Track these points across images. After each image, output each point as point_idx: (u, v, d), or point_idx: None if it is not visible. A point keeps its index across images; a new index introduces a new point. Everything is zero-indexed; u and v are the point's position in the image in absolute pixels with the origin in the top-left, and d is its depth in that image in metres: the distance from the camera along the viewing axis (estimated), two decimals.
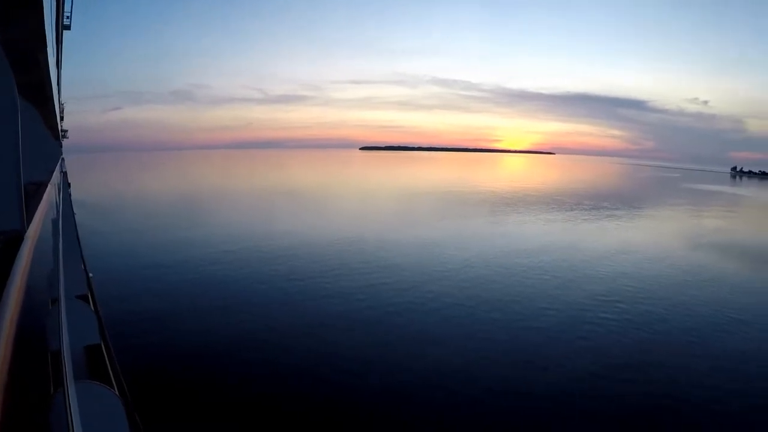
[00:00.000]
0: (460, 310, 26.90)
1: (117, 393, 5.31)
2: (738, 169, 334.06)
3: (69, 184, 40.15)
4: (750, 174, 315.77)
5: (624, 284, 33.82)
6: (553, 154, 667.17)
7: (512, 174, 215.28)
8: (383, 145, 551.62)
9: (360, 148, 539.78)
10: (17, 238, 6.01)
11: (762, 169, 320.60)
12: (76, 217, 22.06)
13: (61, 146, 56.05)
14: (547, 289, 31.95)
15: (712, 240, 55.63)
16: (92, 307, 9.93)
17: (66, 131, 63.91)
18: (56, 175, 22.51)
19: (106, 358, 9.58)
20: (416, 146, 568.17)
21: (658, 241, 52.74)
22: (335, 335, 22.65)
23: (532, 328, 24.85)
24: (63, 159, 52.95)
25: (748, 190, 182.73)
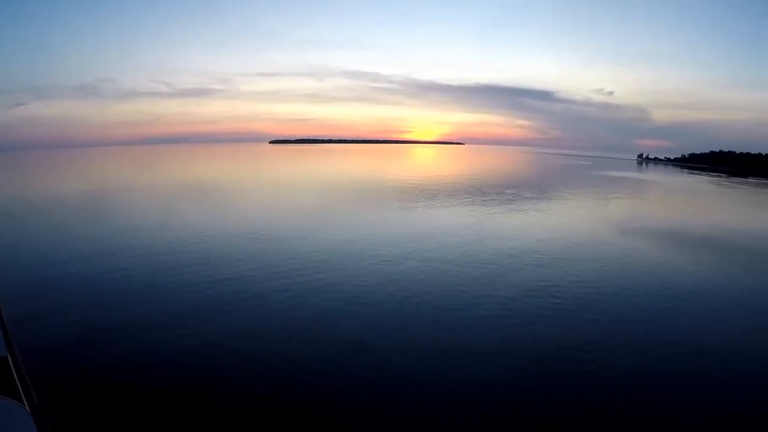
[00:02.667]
0: (387, 305, 27.01)
1: (26, 406, 5.63)
2: (644, 156, 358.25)
3: None
4: (656, 160, 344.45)
5: (553, 268, 35.90)
6: (463, 144, 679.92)
7: (427, 164, 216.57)
8: (294, 138, 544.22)
9: (270, 142, 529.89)
10: None
11: (666, 156, 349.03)
12: None
13: None
14: (475, 277, 32.79)
15: (627, 222, 60.27)
16: None
17: None
18: None
19: (14, 371, 9.32)
20: (327, 139, 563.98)
21: (579, 226, 56.65)
22: (255, 337, 22.47)
23: (463, 317, 25.61)
24: None
25: (654, 175, 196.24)
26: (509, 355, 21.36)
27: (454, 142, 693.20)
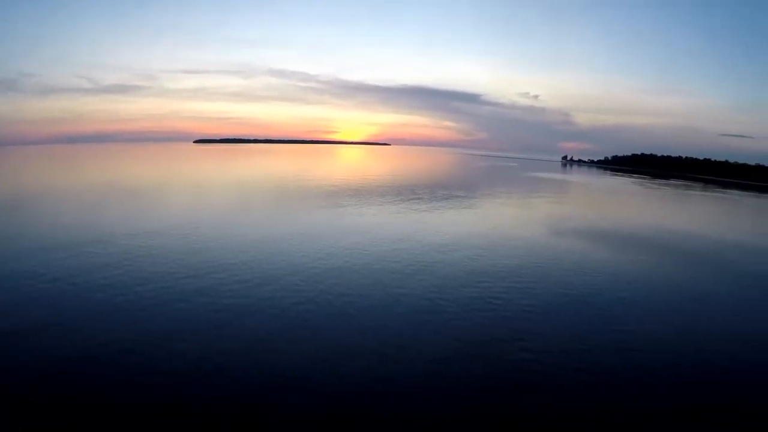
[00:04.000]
0: (313, 305, 27.05)
1: None
2: (568, 158, 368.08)
3: None
4: (579, 162, 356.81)
5: (483, 265, 36.95)
6: (389, 144, 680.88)
7: (354, 164, 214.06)
8: (219, 138, 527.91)
9: (195, 141, 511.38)
10: None
11: (589, 158, 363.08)
12: None
13: None
14: (402, 276, 33.08)
15: (562, 222, 61.98)
16: None
17: None
18: None
19: None
20: (253, 138, 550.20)
21: (511, 226, 57.75)
22: (180, 340, 21.99)
23: (391, 314, 26.09)
24: None
25: (580, 176, 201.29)
26: (439, 348, 22.25)
27: (381, 142, 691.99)
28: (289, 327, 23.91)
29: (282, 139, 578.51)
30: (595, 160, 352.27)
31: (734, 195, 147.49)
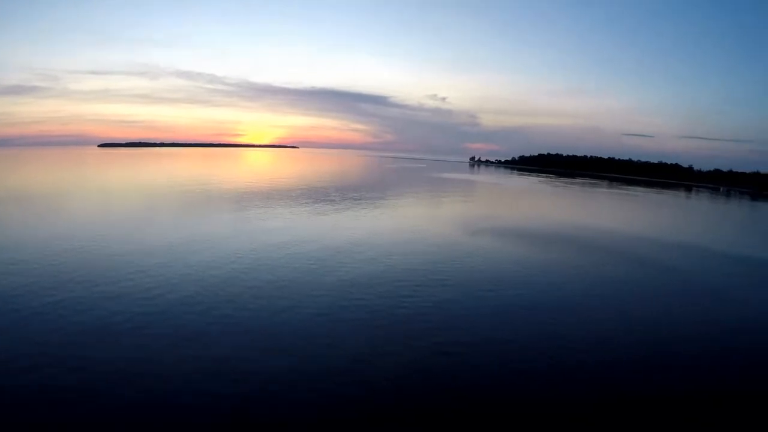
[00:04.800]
0: (227, 308, 26.78)
1: None
2: (476, 159, 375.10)
3: None
4: (487, 163, 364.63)
5: (398, 264, 37.81)
6: (297, 147, 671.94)
7: (263, 168, 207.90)
8: (125, 142, 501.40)
9: (99, 145, 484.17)
10: None
11: (497, 158, 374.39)
12: None
13: None
14: (316, 277, 33.31)
15: (466, 220, 64.07)
16: None
17: None
18: None
19: None
20: (159, 142, 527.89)
21: (421, 225, 59.02)
22: (94, 345, 21.54)
23: (302, 315, 26.19)
24: None
25: (490, 176, 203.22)
26: (350, 346, 22.58)
27: (289, 145, 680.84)
28: (200, 332, 23.44)
29: (189, 142, 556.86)
30: (503, 160, 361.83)
31: (639, 192, 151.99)
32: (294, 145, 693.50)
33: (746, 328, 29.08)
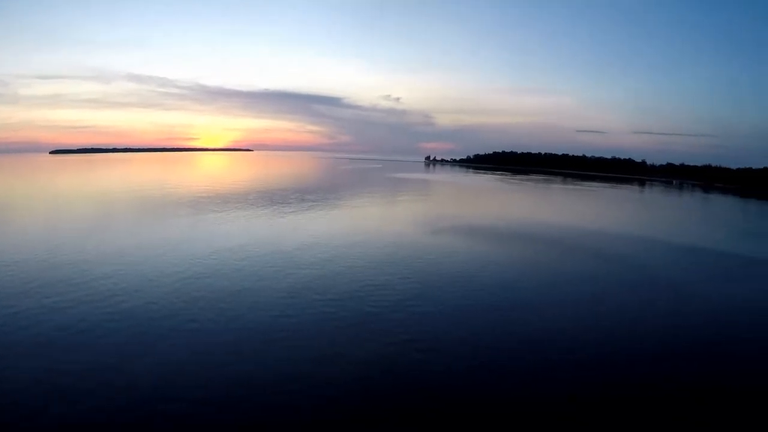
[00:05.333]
0: (188, 313, 26.31)
1: None
2: (431, 158, 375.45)
3: None
4: (443, 162, 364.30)
5: (359, 264, 37.99)
6: (252, 150, 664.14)
7: (219, 172, 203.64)
8: (77, 148, 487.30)
9: (51, 152, 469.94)
10: None
11: (452, 157, 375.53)
12: None
13: None
14: (276, 280, 33.02)
15: (427, 218, 65.20)
16: None
17: None
18: None
19: None
20: (112, 148, 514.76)
21: (380, 224, 59.51)
22: (52, 356, 21.03)
23: (261, 317, 26.15)
24: None
25: (446, 175, 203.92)
26: (352, 354, 22.05)
27: (243, 148, 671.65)
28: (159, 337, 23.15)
29: (142, 147, 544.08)
30: (458, 159, 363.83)
31: (594, 187, 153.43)
32: (248, 148, 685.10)
33: (709, 321, 29.42)
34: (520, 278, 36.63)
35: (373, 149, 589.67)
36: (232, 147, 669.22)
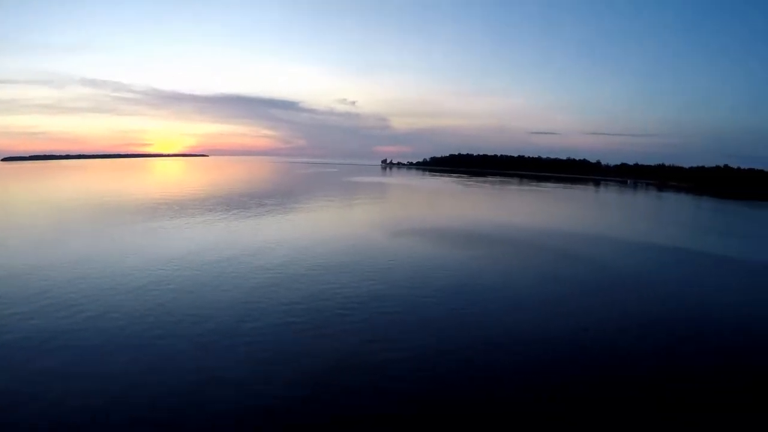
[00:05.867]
0: (143, 323, 25.45)
1: None
2: (388, 162, 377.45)
3: None
4: (399, 165, 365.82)
5: (336, 272, 36.76)
6: (208, 156, 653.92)
7: (175, 178, 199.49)
8: (29, 155, 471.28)
9: (2, 159, 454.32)
10: None
11: (408, 160, 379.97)
12: None
13: None
14: (236, 284, 32.63)
15: (386, 222, 64.08)
16: None
17: None
18: None
19: None
20: (65, 154, 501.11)
21: (339, 227, 59.62)
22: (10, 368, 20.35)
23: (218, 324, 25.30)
24: None
25: (404, 179, 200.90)
26: (315, 358, 21.72)
27: (199, 154, 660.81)
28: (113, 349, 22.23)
29: (97, 153, 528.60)
30: (414, 162, 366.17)
31: (550, 187, 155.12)
32: (204, 154, 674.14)
33: (668, 318, 29.60)
34: (481, 278, 36.80)
35: (329, 153, 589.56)
36: (188, 152, 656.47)
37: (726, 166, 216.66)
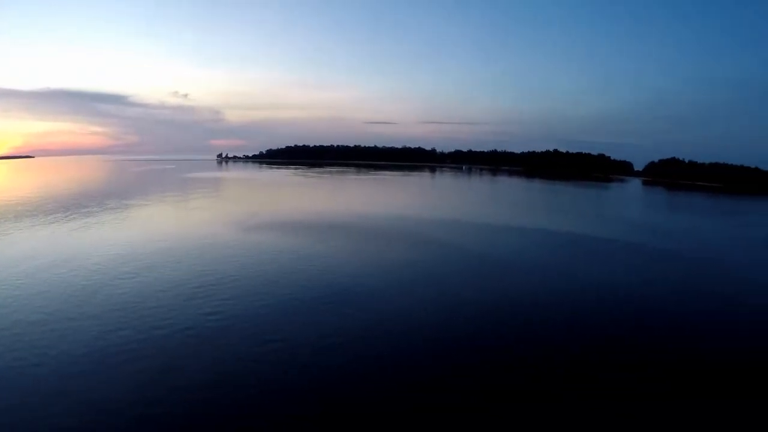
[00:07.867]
0: None
1: None
2: (223, 156, 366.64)
3: None
4: (235, 159, 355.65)
5: (170, 270, 35.78)
6: (33, 157, 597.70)
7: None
8: None
9: None
10: None
11: (244, 154, 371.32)
12: None
13: None
14: (85, 297, 29.96)
15: (245, 221, 61.23)
16: None
17: None
18: None
19: None
20: None
21: (196, 229, 55.49)
22: None
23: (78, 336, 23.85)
24: None
25: (241, 173, 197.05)
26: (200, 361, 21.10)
27: (23, 155, 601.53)
28: None
29: None
30: (251, 155, 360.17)
31: (387, 175, 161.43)
32: (29, 155, 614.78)
33: (543, 301, 30.58)
34: (346, 268, 36.97)
35: (162, 149, 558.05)
36: (11, 155, 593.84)
37: (556, 150, 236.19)
